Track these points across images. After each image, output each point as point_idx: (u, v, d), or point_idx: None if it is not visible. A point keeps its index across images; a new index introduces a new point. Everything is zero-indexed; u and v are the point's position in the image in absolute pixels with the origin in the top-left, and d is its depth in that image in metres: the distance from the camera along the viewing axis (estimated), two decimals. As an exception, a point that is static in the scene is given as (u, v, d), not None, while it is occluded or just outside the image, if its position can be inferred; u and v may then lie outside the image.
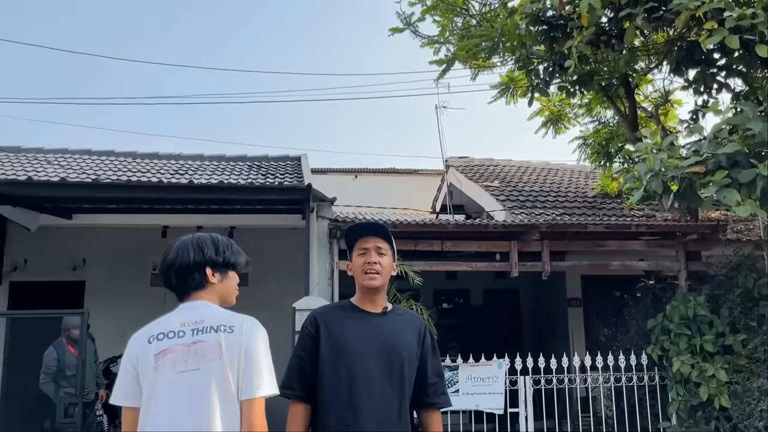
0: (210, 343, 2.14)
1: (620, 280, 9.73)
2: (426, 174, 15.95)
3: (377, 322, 2.61)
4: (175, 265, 2.28)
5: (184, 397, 2.08)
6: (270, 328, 8.06)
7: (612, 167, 9.78)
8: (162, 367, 2.11)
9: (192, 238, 2.36)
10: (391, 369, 2.52)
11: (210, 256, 2.32)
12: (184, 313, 2.25)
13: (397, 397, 2.52)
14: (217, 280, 2.34)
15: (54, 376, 6.40)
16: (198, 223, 8.83)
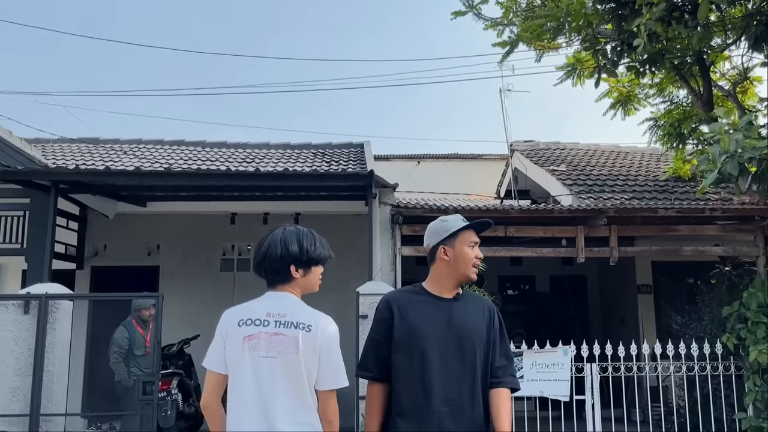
0: (289, 337, 2.41)
1: (693, 266, 9.38)
2: (490, 159, 15.71)
3: (449, 307, 2.68)
4: (265, 260, 2.53)
5: (262, 378, 2.40)
6: (334, 313, 8.19)
7: (685, 149, 9.39)
8: (248, 350, 2.42)
9: (281, 235, 2.56)
10: (463, 352, 2.60)
11: (294, 254, 2.52)
12: (270, 302, 2.51)
13: (469, 380, 2.59)
14: (300, 275, 2.54)
15: (125, 355, 6.73)
16: (264, 209, 9.09)
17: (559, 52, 8.79)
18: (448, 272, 2.73)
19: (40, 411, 5.94)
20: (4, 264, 9.37)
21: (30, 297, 6.15)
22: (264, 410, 2.37)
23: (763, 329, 6.40)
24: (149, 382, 6.08)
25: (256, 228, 9.50)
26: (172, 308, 8.35)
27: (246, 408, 2.40)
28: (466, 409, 2.58)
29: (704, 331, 7.14)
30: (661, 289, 10.36)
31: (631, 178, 10.20)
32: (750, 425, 6.47)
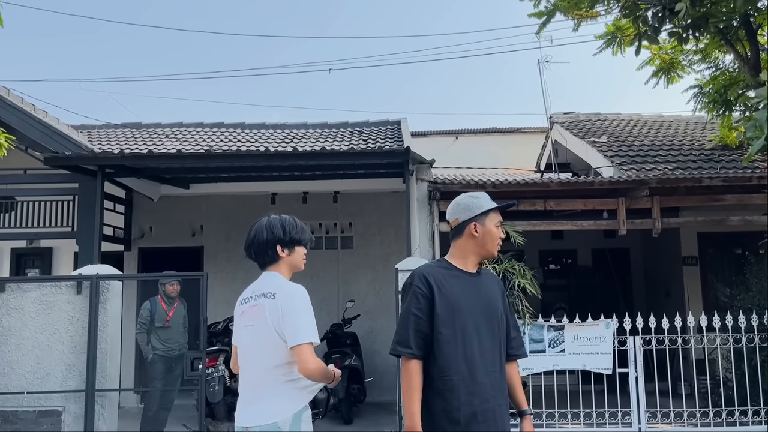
0: (260, 306, 2.89)
1: (741, 236, 9.13)
2: (529, 132, 15.51)
3: (477, 281, 2.81)
4: (254, 244, 3.00)
5: (250, 344, 2.94)
6: (376, 289, 8.36)
7: (731, 116, 9.08)
8: (241, 324, 2.99)
9: (266, 222, 3.02)
10: (492, 325, 2.74)
11: (279, 236, 2.96)
12: (258, 282, 3.02)
13: (498, 352, 2.74)
14: (286, 254, 2.99)
15: (147, 327, 6.97)
16: (303, 189, 9.21)
17: (597, 20, 8.57)
18: (475, 248, 2.82)
19: (95, 387, 6.21)
20: (57, 247, 9.74)
21: (82, 278, 6.40)
22: (249, 372, 2.91)
23: (814, 300, 6.23)
24: (197, 358, 6.27)
25: (296, 207, 9.63)
26: (217, 287, 8.57)
27: (242, 371, 2.97)
28: (501, 379, 2.73)
29: (752, 303, 6.97)
30: (707, 261, 10.13)
31: (675, 148, 9.93)
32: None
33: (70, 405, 6.23)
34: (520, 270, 6.73)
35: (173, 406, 7.13)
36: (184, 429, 6.59)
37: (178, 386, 6.96)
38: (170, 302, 7.03)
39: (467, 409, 2.59)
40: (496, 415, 2.65)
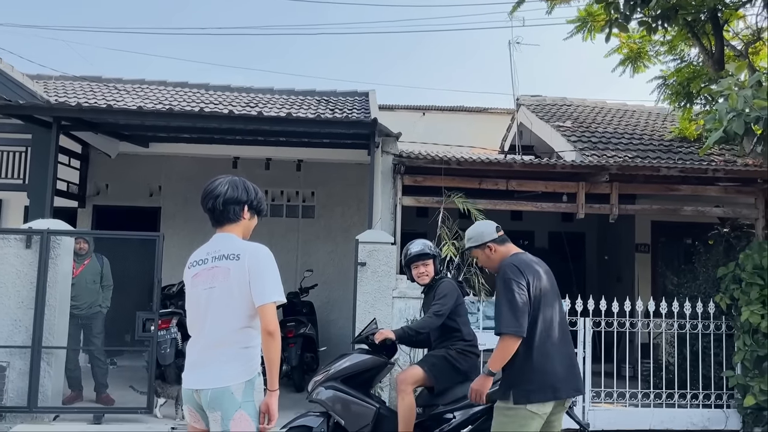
0: (221, 268, 2.84)
1: (692, 227, 9.41)
2: (496, 113, 15.57)
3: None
4: (224, 195, 2.94)
5: (206, 306, 2.85)
6: (335, 260, 8.33)
7: (692, 109, 9.29)
8: (195, 286, 2.90)
9: (240, 180, 3.01)
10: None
11: (250, 198, 2.99)
12: (212, 244, 2.96)
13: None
14: (248, 218, 3.00)
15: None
16: (266, 155, 9.08)
17: (570, 4, 8.60)
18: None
19: (42, 343, 6.07)
20: (6, 199, 9.42)
21: (32, 232, 6.21)
22: (204, 335, 2.83)
23: (757, 290, 6.46)
24: (149, 319, 6.18)
25: (258, 173, 9.51)
26: (174, 250, 8.43)
27: (194, 333, 2.90)
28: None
29: (698, 291, 7.21)
30: (658, 249, 10.43)
31: (636, 137, 10.11)
32: (737, 383, 6.60)
33: (15, 361, 6.09)
34: (478, 247, 6.80)
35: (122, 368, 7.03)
36: (133, 391, 6.50)
37: (102, 346, 6.81)
38: (79, 260, 6.79)
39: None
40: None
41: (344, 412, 4.32)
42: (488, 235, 3.71)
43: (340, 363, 4.50)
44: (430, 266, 4.66)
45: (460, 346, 4.50)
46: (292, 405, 7.26)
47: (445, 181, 7.00)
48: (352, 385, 4.41)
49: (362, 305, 6.52)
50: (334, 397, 4.34)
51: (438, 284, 4.62)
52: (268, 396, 2.83)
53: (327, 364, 4.61)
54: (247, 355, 2.83)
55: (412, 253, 4.68)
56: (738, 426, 6.74)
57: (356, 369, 4.45)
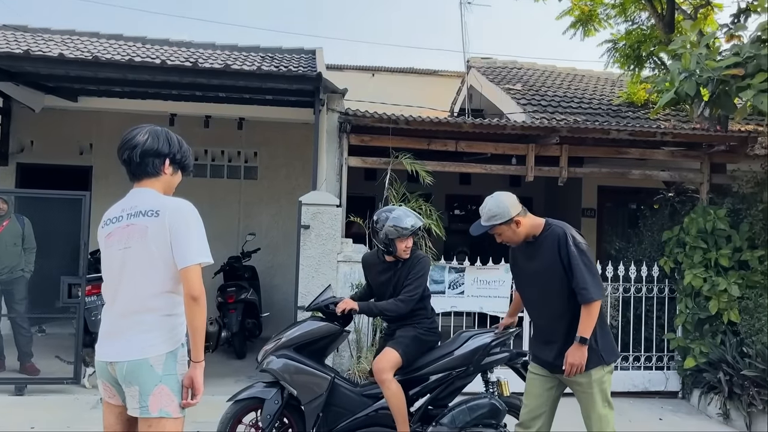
0: (138, 226, 2.55)
1: (638, 192, 9.47)
2: (446, 76, 15.40)
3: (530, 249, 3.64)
4: (143, 146, 2.62)
5: (121, 268, 2.57)
6: (279, 223, 7.95)
7: (641, 74, 9.28)
8: (109, 247, 2.62)
9: (163, 130, 2.71)
10: (543, 278, 3.58)
11: (173, 151, 2.70)
12: (128, 200, 2.67)
13: (544, 295, 3.60)
14: (169, 173, 2.71)
15: None
16: (206, 112, 8.61)
17: (523, -39, 8.35)
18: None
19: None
20: None
21: (-58, 190, 5.69)
22: (119, 301, 2.55)
23: (700, 254, 6.51)
24: (76, 284, 5.78)
25: (197, 131, 9.04)
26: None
27: (109, 300, 2.63)
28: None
29: (643, 255, 7.25)
30: (604, 213, 10.51)
31: (585, 101, 10.08)
32: (678, 345, 6.69)
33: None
34: (426, 210, 6.63)
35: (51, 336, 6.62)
36: (59, 361, 6.12)
37: (25, 313, 6.40)
38: None
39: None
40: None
41: (297, 382, 4.06)
42: (514, 208, 3.48)
43: (292, 331, 4.25)
44: (410, 240, 4.30)
45: (427, 325, 4.32)
46: (232, 372, 7.04)
47: (393, 141, 6.75)
48: (305, 354, 4.16)
49: (305, 269, 6.26)
50: (286, 367, 4.07)
51: (415, 261, 4.28)
52: (192, 368, 2.55)
53: (278, 333, 4.34)
54: (169, 323, 2.55)
55: (414, 227, 4.24)
56: (677, 387, 6.86)
57: (310, 337, 4.18)
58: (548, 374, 3.59)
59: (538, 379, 3.61)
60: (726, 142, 6.90)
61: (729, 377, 6.04)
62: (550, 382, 3.59)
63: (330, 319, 4.23)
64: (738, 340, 6.25)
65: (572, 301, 3.42)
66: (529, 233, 3.54)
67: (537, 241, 3.54)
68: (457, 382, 4.21)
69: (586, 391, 3.43)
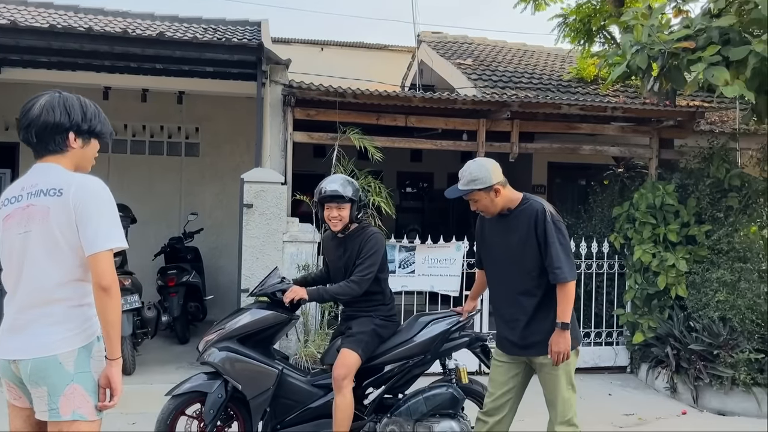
0: (38, 207, 2.24)
1: (587, 168, 9.48)
2: (396, 51, 15.11)
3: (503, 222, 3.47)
4: (38, 123, 2.29)
5: (21, 255, 2.26)
6: (223, 202, 7.48)
7: (591, 48, 9.23)
8: (8, 230, 2.30)
9: (59, 98, 2.34)
10: (513, 254, 3.41)
11: (76, 121, 2.34)
12: (28, 177, 2.34)
13: (513, 272, 3.43)
14: (78, 146, 2.36)
15: None
16: (142, 85, 8.12)
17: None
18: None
19: None
20: None
21: None
22: (21, 292, 2.26)
23: (649, 230, 6.50)
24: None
25: (133, 106, 8.56)
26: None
27: (9, 292, 2.31)
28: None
29: (594, 231, 7.23)
30: (554, 190, 10.50)
31: (536, 77, 10.01)
32: (627, 321, 6.70)
33: None
34: (375, 188, 6.41)
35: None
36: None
37: None
38: None
39: None
40: None
41: (241, 375, 3.73)
42: (497, 175, 3.33)
43: (236, 320, 3.88)
44: (345, 211, 3.86)
45: (384, 312, 3.98)
46: (173, 358, 6.73)
47: (341, 116, 6.48)
48: (249, 345, 3.83)
49: (249, 250, 5.98)
50: (229, 360, 3.73)
51: (365, 238, 3.89)
52: (108, 366, 2.27)
53: (220, 321, 3.98)
54: (80, 315, 2.26)
55: (325, 192, 3.88)
56: (626, 362, 6.90)
57: (255, 327, 3.83)
58: (514, 360, 3.44)
59: (503, 366, 3.46)
60: (675, 118, 6.89)
61: (676, 351, 6.08)
62: (515, 369, 3.45)
63: (277, 305, 3.89)
64: (685, 315, 6.29)
65: (543, 279, 3.29)
66: (506, 206, 3.38)
67: (512, 214, 3.38)
68: (414, 371, 3.99)
69: (551, 373, 3.30)
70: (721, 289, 5.99)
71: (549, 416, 3.44)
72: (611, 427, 5.30)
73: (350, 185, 3.93)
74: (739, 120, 8.19)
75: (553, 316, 3.25)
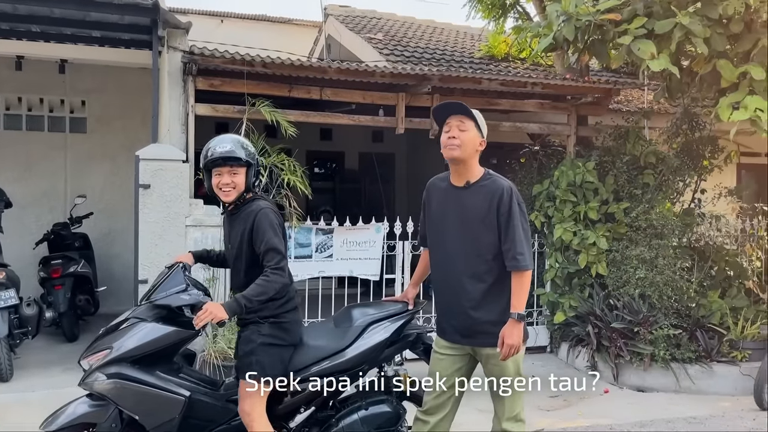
0: None
1: (501, 147, 9.38)
2: (302, 25, 14.51)
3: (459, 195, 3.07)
4: None
5: None
6: (116, 183, 6.59)
7: (504, 25, 9.10)
8: None
9: None
10: (466, 232, 3.03)
11: None
12: None
13: (463, 252, 3.03)
14: None
15: None
16: (18, 51, 7.15)
17: None
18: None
19: None
20: None
21: None
22: None
23: (570, 208, 6.42)
24: None
25: (6, 75, 7.60)
26: None
27: None
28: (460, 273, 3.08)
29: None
30: (468, 169, 10.36)
31: (448, 53, 9.79)
32: (548, 300, 6.62)
33: None
34: (290, 166, 5.90)
35: None
36: None
37: None
38: None
39: None
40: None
41: (139, 406, 2.97)
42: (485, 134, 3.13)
43: (126, 338, 3.02)
44: (239, 176, 3.10)
45: (271, 311, 3.09)
46: (60, 359, 5.92)
47: (249, 87, 5.90)
48: (145, 364, 3.02)
49: (147, 236, 5.34)
50: (121, 390, 2.94)
51: (253, 214, 3.08)
52: None
53: (106, 335, 3.11)
54: None
55: (216, 153, 3.10)
56: (546, 342, 6.84)
57: (152, 348, 3.02)
58: (456, 350, 3.09)
59: (445, 359, 3.10)
60: (593, 94, 6.83)
61: (597, 330, 6.04)
62: (459, 361, 3.10)
63: (178, 315, 3.03)
64: (606, 293, 6.27)
65: (495, 264, 2.97)
66: (468, 172, 3.03)
67: (471, 187, 3.02)
68: (346, 384, 3.32)
69: (499, 365, 2.99)
70: (641, 266, 6.00)
71: (495, 412, 3.15)
72: (538, 410, 5.17)
73: (245, 145, 3.20)
74: (649, 98, 8.34)
75: (502, 304, 2.95)
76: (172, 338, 3.05)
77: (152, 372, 3.03)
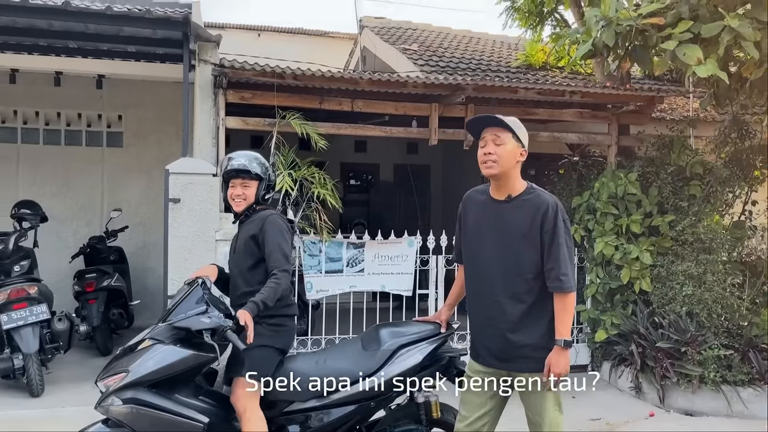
0: None
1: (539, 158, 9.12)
2: (337, 37, 14.55)
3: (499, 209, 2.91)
4: None
5: None
6: (151, 197, 6.57)
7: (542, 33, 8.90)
8: None
9: None
10: (505, 249, 2.86)
11: None
12: None
13: (501, 270, 2.86)
14: None
15: None
16: (57, 67, 7.27)
17: None
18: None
19: None
20: None
21: None
22: None
23: (611, 221, 6.15)
24: None
25: (46, 91, 7.70)
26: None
27: None
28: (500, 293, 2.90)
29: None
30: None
31: (484, 63, 9.60)
32: (588, 317, 6.35)
33: None
34: (320, 179, 5.81)
35: None
36: None
37: None
38: None
39: None
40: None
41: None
42: (526, 144, 2.97)
43: (142, 361, 2.92)
44: (251, 189, 3.36)
45: (273, 311, 3.16)
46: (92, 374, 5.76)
47: (280, 99, 5.85)
48: (163, 390, 2.93)
49: (177, 251, 5.30)
50: (135, 414, 2.85)
51: (262, 219, 3.29)
52: None
53: (123, 356, 3.03)
54: None
55: (229, 166, 3.38)
56: (587, 361, 6.55)
57: (168, 373, 2.92)
58: (491, 376, 2.91)
59: (479, 384, 2.94)
60: (635, 102, 6.56)
61: (641, 349, 5.75)
62: (493, 386, 2.93)
63: (196, 337, 2.93)
64: (650, 311, 5.97)
65: (536, 284, 2.82)
66: (509, 185, 2.89)
67: (512, 201, 2.88)
68: (371, 411, 3.23)
69: (538, 393, 2.82)
70: (688, 283, 5.69)
71: None
72: (579, 435, 4.92)
73: (259, 161, 3.45)
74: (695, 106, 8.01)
75: (542, 327, 2.80)
76: (190, 363, 2.96)
77: (170, 396, 2.94)
